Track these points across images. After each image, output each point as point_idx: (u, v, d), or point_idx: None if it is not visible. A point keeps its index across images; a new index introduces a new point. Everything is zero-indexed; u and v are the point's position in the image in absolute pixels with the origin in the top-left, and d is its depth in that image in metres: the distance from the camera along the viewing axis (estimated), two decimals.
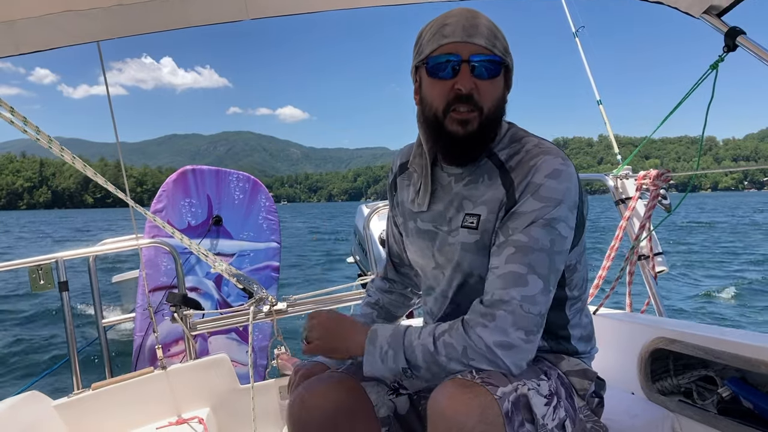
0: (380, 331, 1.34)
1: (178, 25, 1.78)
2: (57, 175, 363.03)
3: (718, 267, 18.26)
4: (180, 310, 2.79)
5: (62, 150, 2.27)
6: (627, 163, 2.76)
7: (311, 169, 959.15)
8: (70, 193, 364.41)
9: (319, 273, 19.77)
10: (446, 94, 1.33)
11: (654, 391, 1.97)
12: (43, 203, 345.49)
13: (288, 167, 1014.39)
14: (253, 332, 2.71)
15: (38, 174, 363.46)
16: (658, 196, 2.34)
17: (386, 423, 1.47)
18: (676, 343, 1.89)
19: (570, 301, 1.46)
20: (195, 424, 2.50)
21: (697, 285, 14.59)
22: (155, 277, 4.31)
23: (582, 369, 1.44)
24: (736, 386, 1.74)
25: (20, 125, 2.09)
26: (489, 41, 1.32)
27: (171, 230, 2.70)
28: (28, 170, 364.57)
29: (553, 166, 1.30)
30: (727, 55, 1.96)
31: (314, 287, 3.54)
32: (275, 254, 4.76)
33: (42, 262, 2.72)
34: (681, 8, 2.03)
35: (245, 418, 2.58)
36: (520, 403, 1.17)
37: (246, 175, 4.84)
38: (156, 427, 2.50)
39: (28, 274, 2.71)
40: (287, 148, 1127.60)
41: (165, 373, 2.65)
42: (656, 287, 2.52)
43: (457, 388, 1.16)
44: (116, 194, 2.48)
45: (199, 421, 2.53)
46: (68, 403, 2.43)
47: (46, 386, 5.82)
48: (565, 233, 1.29)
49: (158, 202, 4.51)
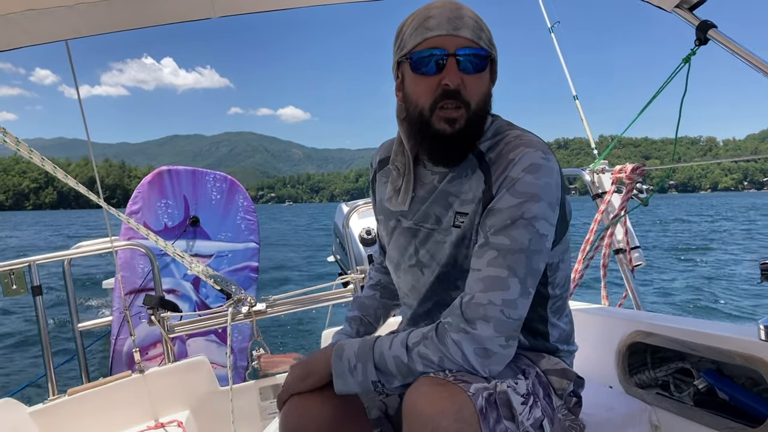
0: (347, 345, 1.31)
1: (143, 23, 1.75)
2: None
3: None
4: (157, 312, 2.76)
5: (31, 152, 2.23)
6: (603, 158, 2.78)
7: (313, 170, 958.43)
8: (75, 194, 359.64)
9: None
10: (432, 90, 1.28)
11: (632, 385, 1.98)
12: (49, 204, 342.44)
13: (290, 168, 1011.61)
14: (233, 334, 2.69)
15: (44, 175, 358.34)
16: (633, 190, 2.35)
17: (378, 424, 1.46)
18: (653, 336, 1.90)
19: (551, 299, 1.43)
20: (174, 428, 2.48)
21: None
22: (132, 279, 4.26)
23: (561, 368, 1.42)
24: (711, 378, 1.76)
25: None
26: (475, 33, 1.27)
27: (146, 232, 2.67)
28: (34, 171, 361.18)
29: (532, 160, 1.25)
30: (699, 48, 1.97)
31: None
32: (254, 254, 4.73)
33: (14, 266, 2.66)
34: (653, 2, 2.03)
35: (225, 420, 2.56)
36: (494, 399, 1.15)
37: (223, 174, 4.79)
38: None
39: (0, 279, 2.65)
40: (289, 148, 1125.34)
41: (143, 377, 2.62)
42: (633, 281, 2.54)
43: (431, 387, 1.14)
44: (88, 196, 2.44)
45: (178, 424, 2.50)
46: (44, 410, 2.39)
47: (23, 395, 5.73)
48: (544, 231, 1.25)
49: (134, 204, 4.46)
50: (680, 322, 1.88)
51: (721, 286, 13.64)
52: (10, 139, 2.17)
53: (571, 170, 2.89)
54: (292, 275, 18.86)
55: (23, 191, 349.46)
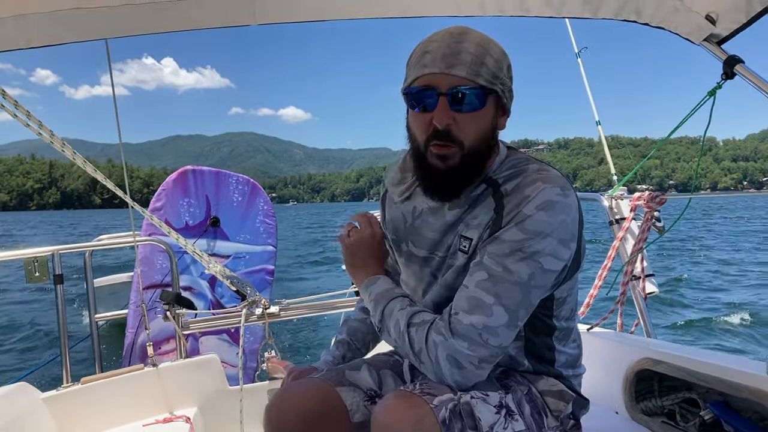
0: (378, 282, 1.48)
1: (185, 26, 1.81)
2: (66, 176, 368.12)
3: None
4: (173, 308, 2.80)
5: (64, 145, 2.30)
6: (622, 184, 2.79)
7: (314, 170, 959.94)
8: (78, 194, 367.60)
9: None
10: (425, 128, 1.27)
11: (638, 411, 1.98)
12: (53, 204, 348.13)
13: (291, 168, 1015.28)
14: (245, 334, 2.72)
15: (48, 175, 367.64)
16: (652, 218, 2.36)
17: (361, 428, 1.47)
18: (662, 364, 1.90)
19: (558, 330, 1.43)
20: (182, 424, 2.51)
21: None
22: (150, 274, 4.33)
23: (558, 390, 1.42)
24: (718, 410, 1.75)
25: (23, 119, 2.12)
26: (471, 70, 1.22)
27: (167, 229, 2.72)
28: (38, 172, 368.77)
29: (548, 197, 1.22)
30: (725, 82, 1.98)
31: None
32: (270, 258, 4.78)
33: (38, 254, 2.73)
34: (682, 34, 2.06)
35: (232, 419, 2.59)
36: (458, 410, 1.17)
37: (246, 177, 4.86)
38: (143, 424, 2.51)
39: (24, 266, 2.72)
40: (290, 149, 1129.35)
41: (155, 371, 2.66)
42: (646, 308, 2.54)
43: (396, 399, 1.19)
44: (115, 191, 2.51)
45: (186, 420, 2.54)
46: (57, 396, 2.44)
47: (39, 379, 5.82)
48: (550, 266, 1.23)
49: (157, 201, 4.53)
50: (689, 352, 1.88)
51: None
52: (45, 132, 2.26)
53: (589, 194, 2.91)
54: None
55: (27, 191, 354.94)
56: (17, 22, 1.72)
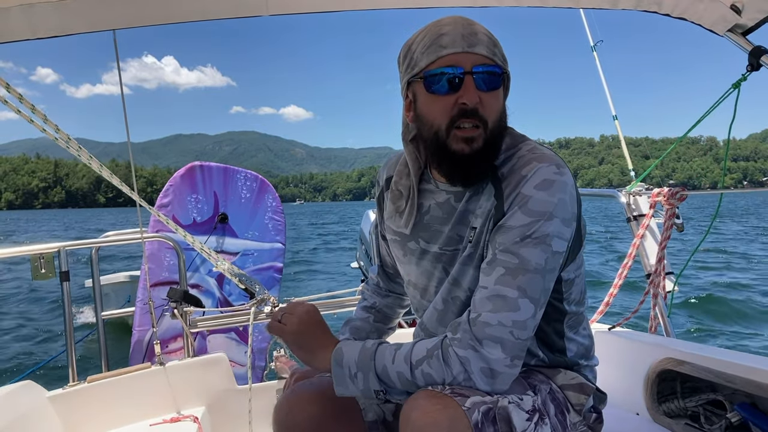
0: (346, 350, 1.30)
1: (195, 17, 1.76)
2: (70, 175, 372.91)
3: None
4: (180, 306, 2.76)
5: (69, 140, 2.26)
6: (640, 180, 2.73)
7: (316, 169, 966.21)
8: (83, 193, 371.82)
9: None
10: (449, 109, 1.24)
11: (660, 413, 1.93)
12: (58, 203, 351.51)
13: (292, 167, 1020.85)
14: (253, 333, 2.67)
15: (53, 174, 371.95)
16: (673, 216, 2.30)
17: (373, 428, 1.45)
18: (685, 364, 1.85)
19: (568, 315, 1.40)
20: (189, 423, 2.47)
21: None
22: (157, 272, 4.29)
23: (578, 383, 1.39)
24: (746, 412, 1.70)
25: (27, 113, 2.07)
26: (489, 50, 1.24)
27: (174, 227, 2.68)
28: (43, 171, 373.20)
29: (545, 176, 1.22)
30: (750, 74, 1.93)
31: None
32: (279, 255, 4.73)
33: (44, 250, 2.69)
34: (705, 25, 2.00)
35: (241, 419, 2.55)
36: (493, 415, 1.13)
37: (254, 174, 4.82)
38: (150, 423, 2.47)
39: (30, 262, 2.68)
40: (292, 147, 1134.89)
41: (162, 370, 2.62)
42: (665, 307, 2.49)
43: (427, 399, 1.14)
44: (121, 188, 2.47)
45: (193, 419, 2.50)
46: (62, 395, 2.40)
47: (44, 377, 5.81)
48: (558, 248, 1.22)
49: (164, 197, 4.50)
50: (714, 352, 1.83)
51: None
52: (50, 126, 2.21)
53: (606, 191, 2.85)
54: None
55: (32, 190, 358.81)
56: (23, 12, 1.69)
